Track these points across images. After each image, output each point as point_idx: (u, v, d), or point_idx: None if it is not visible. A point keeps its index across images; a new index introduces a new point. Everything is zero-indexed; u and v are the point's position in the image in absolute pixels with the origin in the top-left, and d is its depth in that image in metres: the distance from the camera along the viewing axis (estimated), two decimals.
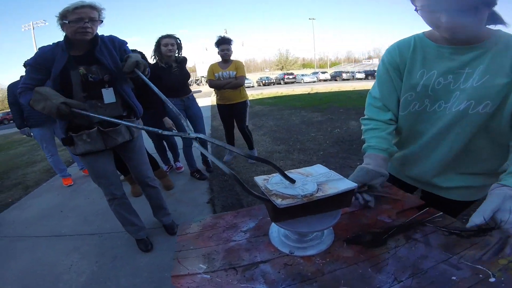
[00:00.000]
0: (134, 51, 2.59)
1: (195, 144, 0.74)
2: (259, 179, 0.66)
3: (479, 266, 0.54)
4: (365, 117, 0.90)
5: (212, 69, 2.92)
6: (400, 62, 0.79)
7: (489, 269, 0.54)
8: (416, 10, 0.67)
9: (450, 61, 0.70)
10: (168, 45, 2.37)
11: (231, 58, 2.90)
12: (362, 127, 0.90)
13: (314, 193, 0.57)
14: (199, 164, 3.10)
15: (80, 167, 3.39)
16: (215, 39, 2.85)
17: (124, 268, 1.66)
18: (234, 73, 2.82)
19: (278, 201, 0.55)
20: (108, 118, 1.02)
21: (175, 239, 0.74)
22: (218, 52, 2.86)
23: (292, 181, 0.61)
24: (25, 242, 2.06)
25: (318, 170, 0.69)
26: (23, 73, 2.68)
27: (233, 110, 3.00)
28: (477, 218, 0.56)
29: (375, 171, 0.75)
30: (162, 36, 2.41)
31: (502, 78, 0.65)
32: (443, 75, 0.71)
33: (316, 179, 0.63)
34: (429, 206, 0.74)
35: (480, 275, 0.52)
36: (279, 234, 0.67)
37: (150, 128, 0.83)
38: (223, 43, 2.80)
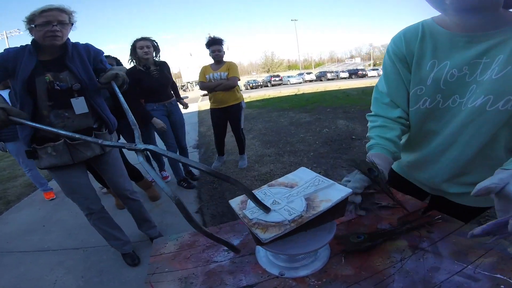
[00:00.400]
0: (108, 57, 2.48)
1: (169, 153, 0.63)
2: (235, 203, 0.57)
3: (499, 275, 0.47)
4: (372, 113, 0.80)
5: (203, 71, 2.79)
6: (407, 52, 0.69)
7: (510, 278, 0.47)
8: None
9: (465, 50, 0.61)
10: (143, 47, 2.26)
11: (224, 59, 2.78)
12: (368, 124, 0.80)
13: (303, 214, 0.49)
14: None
15: None
16: (202, 42, 2.75)
17: (111, 282, 1.61)
18: (226, 74, 2.70)
19: (262, 235, 0.46)
20: (62, 132, 0.83)
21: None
22: (210, 54, 2.72)
23: (267, 209, 0.51)
24: (8, 257, 1.99)
25: (303, 177, 0.60)
26: None
27: (227, 113, 2.87)
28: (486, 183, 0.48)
29: (384, 175, 0.65)
30: (137, 39, 2.31)
31: None
32: (457, 66, 0.62)
33: (303, 191, 0.55)
34: (438, 210, 0.66)
35: (502, 286, 0.45)
36: (267, 253, 0.58)
37: (107, 143, 0.71)
38: (214, 44, 2.67)
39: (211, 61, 2.79)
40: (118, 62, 2.55)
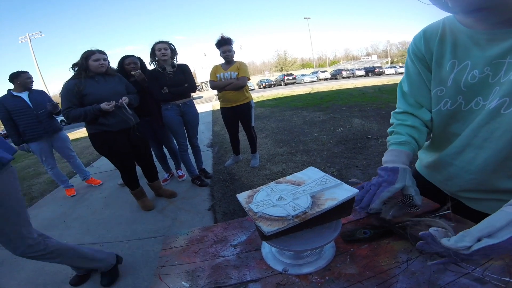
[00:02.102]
0: (131, 56, 2.58)
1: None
2: (242, 197, 0.58)
3: (509, 279, 0.46)
4: (399, 110, 0.77)
5: (214, 70, 2.86)
6: (426, 51, 0.67)
7: None
8: None
9: (486, 50, 0.56)
10: (161, 50, 2.39)
11: (235, 59, 2.84)
12: (394, 121, 0.78)
13: (307, 210, 0.49)
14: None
15: (83, 178, 3.37)
16: (214, 42, 2.79)
17: (125, 277, 1.65)
18: (236, 74, 2.75)
19: (265, 228, 0.47)
20: None
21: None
22: (220, 54, 2.79)
23: None
24: None
25: (312, 176, 0.61)
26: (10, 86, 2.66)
27: (237, 112, 2.92)
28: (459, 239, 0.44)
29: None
30: (156, 42, 2.46)
31: None
32: (478, 67, 0.58)
33: (310, 189, 0.55)
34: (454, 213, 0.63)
35: None
36: (272, 249, 0.59)
37: None
38: (224, 44, 2.73)
39: (223, 60, 2.83)
40: (142, 62, 2.65)
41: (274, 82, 29.84)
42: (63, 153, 3.08)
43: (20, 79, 2.63)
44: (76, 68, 2.02)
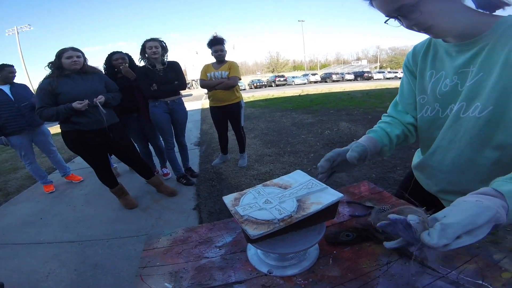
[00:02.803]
0: (119, 52, 2.51)
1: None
2: (228, 200, 0.58)
3: (481, 282, 0.48)
4: (386, 114, 0.85)
5: (205, 69, 2.83)
6: (413, 64, 0.75)
7: (491, 284, 0.48)
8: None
9: (455, 60, 0.63)
10: (152, 48, 2.34)
11: (227, 59, 2.81)
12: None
13: (293, 214, 0.50)
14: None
15: (62, 174, 3.24)
16: (207, 41, 2.76)
17: (105, 277, 1.59)
18: (227, 73, 2.73)
19: (251, 231, 0.47)
20: None
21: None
22: (212, 53, 2.76)
23: None
24: (3, 249, 1.98)
25: (298, 179, 0.61)
26: None
27: (227, 111, 2.90)
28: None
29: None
30: (146, 40, 2.40)
31: (494, 75, 0.54)
32: (449, 76, 0.64)
33: (296, 193, 0.56)
34: None
35: None
36: (257, 251, 0.59)
37: None
38: (216, 44, 2.70)
39: (215, 60, 2.81)
40: (130, 58, 2.59)
41: (265, 83, 29.90)
42: (43, 148, 2.96)
43: (3, 72, 2.53)
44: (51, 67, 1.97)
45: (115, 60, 2.47)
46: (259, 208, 0.52)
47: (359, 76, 29.39)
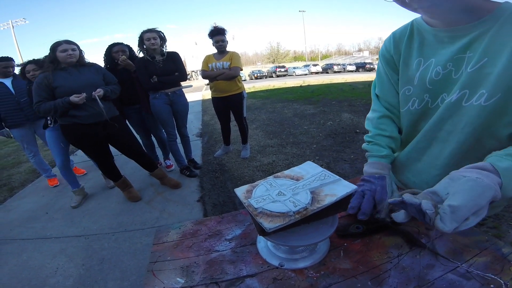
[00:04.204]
0: (120, 44, 2.47)
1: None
2: (240, 192, 0.57)
3: (490, 275, 0.48)
4: (377, 115, 0.78)
5: (206, 60, 2.80)
6: (394, 52, 0.68)
7: (501, 278, 0.48)
8: None
9: (448, 46, 0.58)
10: (150, 39, 2.31)
11: (228, 49, 2.78)
12: (373, 130, 0.79)
13: (308, 206, 0.49)
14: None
15: None
16: (207, 31, 2.72)
17: (112, 271, 1.60)
18: (228, 64, 2.70)
19: (266, 224, 0.47)
20: None
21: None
22: (213, 43, 2.73)
23: None
24: (10, 245, 1.99)
25: (310, 171, 0.61)
26: None
27: (229, 102, 2.89)
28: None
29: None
30: (143, 31, 2.36)
31: (502, 61, 0.50)
32: (441, 63, 0.59)
33: (309, 185, 0.55)
34: None
35: (492, 286, 0.47)
36: (268, 244, 0.59)
37: None
38: (217, 34, 2.67)
39: (215, 50, 2.77)
40: (131, 50, 2.55)
41: (266, 74, 29.63)
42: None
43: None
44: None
45: (115, 52, 2.43)
46: (273, 200, 0.52)
47: (361, 67, 29.02)
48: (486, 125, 0.56)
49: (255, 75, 28.78)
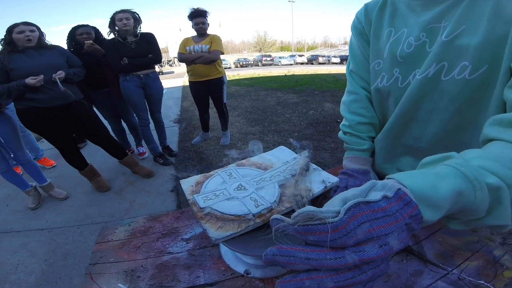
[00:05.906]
0: (86, 26, 2.22)
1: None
2: (188, 184, 0.45)
3: (483, 282, 0.42)
4: (352, 98, 0.70)
5: (184, 42, 2.61)
6: (366, 23, 0.62)
7: (494, 284, 0.42)
8: None
9: (421, 15, 0.52)
10: (122, 20, 2.12)
11: (208, 32, 2.60)
12: (350, 116, 0.70)
13: (273, 206, 0.38)
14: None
15: (34, 157, 2.93)
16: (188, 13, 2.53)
17: (76, 266, 1.52)
18: (208, 47, 2.52)
19: (212, 232, 0.35)
20: None
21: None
22: (192, 26, 2.54)
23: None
24: None
25: (281, 157, 0.50)
26: None
27: (208, 87, 2.73)
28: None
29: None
30: (116, 12, 2.18)
31: (482, 29, 0.44)
32: (414, 33, 0.53)
33: (278, 176, 0.45)
34: None
35: None
36: None
37: None
38: (198, 16, 2.48)
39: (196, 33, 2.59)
40: (97, 31, 2.31)
41: (252, 62, 29.38)
42: None
43: None
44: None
45: (79, 35, 2.18)
46: (228, 197, 0.41)
47: (345, 59, 29.26)
48: (477, 98, 0.48)
49: (241, 63, 28.37)
